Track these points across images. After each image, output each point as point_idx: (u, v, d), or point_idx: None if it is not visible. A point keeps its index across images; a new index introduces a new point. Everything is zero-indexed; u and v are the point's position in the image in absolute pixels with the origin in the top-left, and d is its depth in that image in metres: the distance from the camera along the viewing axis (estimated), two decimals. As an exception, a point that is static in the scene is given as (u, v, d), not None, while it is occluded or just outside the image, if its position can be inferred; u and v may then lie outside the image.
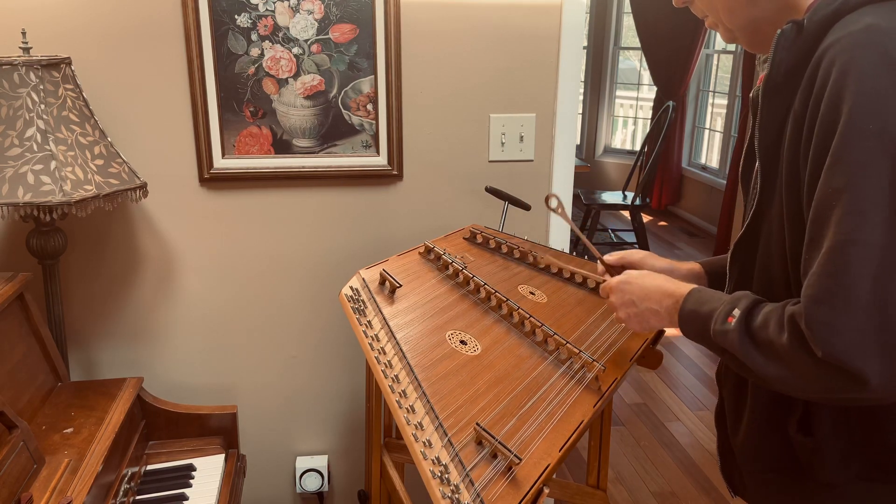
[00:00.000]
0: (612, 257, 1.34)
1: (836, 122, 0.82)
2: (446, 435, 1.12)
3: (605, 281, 1.26)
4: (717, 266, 1.29)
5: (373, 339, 1.32)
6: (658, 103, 6.29)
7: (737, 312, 0.92)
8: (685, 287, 1.06)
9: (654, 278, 1.12)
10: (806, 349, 0.83)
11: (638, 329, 1.17)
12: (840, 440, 0.96)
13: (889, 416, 0.93)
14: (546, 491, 1.06)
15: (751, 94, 1.02)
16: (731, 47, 5.75)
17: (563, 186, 2.08)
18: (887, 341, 0.79)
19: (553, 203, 1.46)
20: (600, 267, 1.36)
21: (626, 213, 6.32)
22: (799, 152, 0.89)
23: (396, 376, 1.24)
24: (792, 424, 0.99)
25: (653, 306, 1.10)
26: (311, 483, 2.15)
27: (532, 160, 2.05)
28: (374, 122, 1.93)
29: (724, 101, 5.89)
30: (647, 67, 6.41)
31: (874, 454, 0.95)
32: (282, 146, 1.91)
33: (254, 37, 1.83)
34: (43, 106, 1.53)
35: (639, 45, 6.40)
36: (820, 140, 0.85)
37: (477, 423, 1.13)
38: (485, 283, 1.51)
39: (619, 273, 1.34)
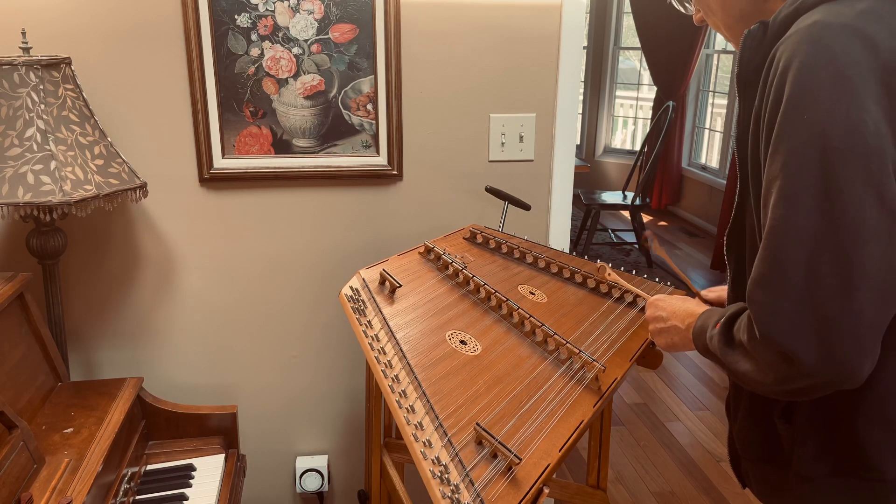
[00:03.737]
0: (710, 295, 1.33)
1: (778, 114, 0.86)
2: (446, 435, 1.12)
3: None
4: None
5: (373, 339, 1.32)
6: (658, 103, 6.29)
7: (723, 319, 0.97)
8: (704, 307, 1.11)
9: (687, 301, 1.18)
10: (756, 338, 0.87)
11: (663, 346, 1.21)
12: (815, 432, 0.98)
13: (859, 412, 0.94)
14: (546, 491, 1.06)
15: None
16: (731, 47, 5.75)
17: (563, 186, 2.08)
18: (820, 324, 0.82)
19: (652, 244, 1.49)
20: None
21: (626, 213, 6.32)
22: (759, 146, 0.93)
23: (396, 376, 1.24)
24: (777, 410, 1.02)
25: (677, 324, 1.14)
26: (311, 483, 2.15)
27: (532, 160, 2.05)
28: (374, 122, 1.93)
29: (724, 101, 5.89)
30: (647, 67, 6.41)
31: (846, 449, 0.97)
32: (282, 146, 1.91)
33: (254, 37, 1.83)
34: (43, 106, 1.53)
35: (639, 45, 6.40)
36: (768, 132, 0.88)
37: (477, 423, 1.13)
38: (485, 283, 1.51)
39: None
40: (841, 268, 0.81)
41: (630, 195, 5.04)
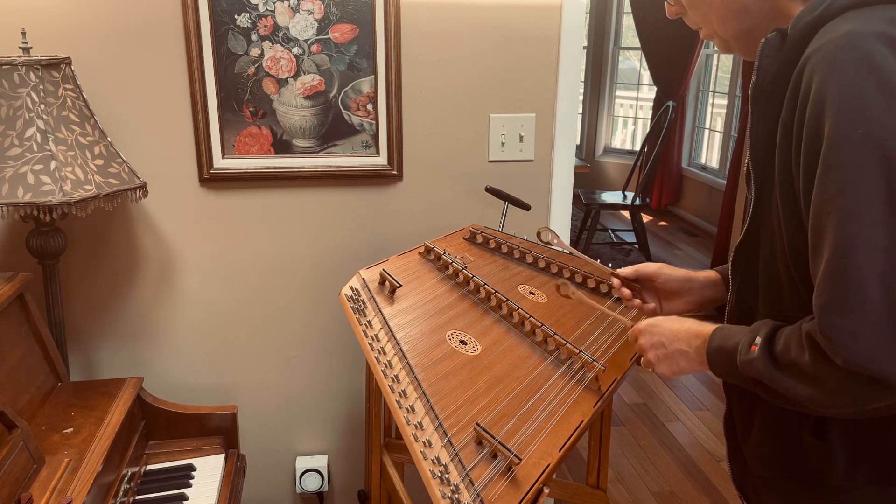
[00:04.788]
0: (626, 270, 1.34)
1: (821, 128, 0.83)
2: (446, 435, 1.12)
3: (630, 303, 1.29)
4: None
5: (373, 339, 1.32)
6: (658, 103, 6.29)
7: (759, 340, 0.93)
8: (711, 326, 1.06)
9: (683, 321, 1.12)
10: (828, 362, 0.83)
11: (668, 373, 1.15)
12: (849, 444, 0.96)
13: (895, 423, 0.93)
14: (546, 491, 1.06)
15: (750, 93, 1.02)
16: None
17: (563, 186, 2.08)
18: None
19: (547, 237, 1.45)
20: (615, 281, 1.35)
21: (626, 213, 6.32)
22: (790, 159, 0.90)
23: (396, 376, 1.24)
24: (806, 428, 0.99)
25: (682, 347, 1.09)
26: (311, 483, 2.15)
27: (532, 160, 2.05)
28: (374, 122, 1.93)
29: (724, 101, 5.89)
30: (647, 67, 6.41)
31: (882, 459, 0.95)
32: (282, 146, 1.91)
33: (254, 37, 1.83)
34: (43, 106, 1.53)
35: (639, 45, 6.40)
36: (808, 147, 0.85)
37: (477, 423, 1.13)
38: (485, 283, 1.51)
39: (635, 286, 1.33)
40: None
41: (630, 195, 5.04)
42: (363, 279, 1.49)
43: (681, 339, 1.09)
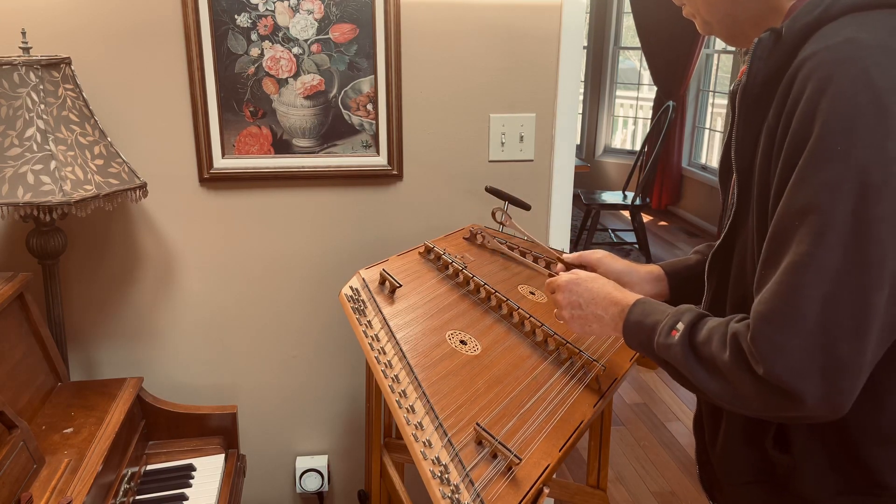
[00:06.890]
0: (570, 256, 1.34)
1: (806, 139, 0.80)
2: (446, 435, 1.12)
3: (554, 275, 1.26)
4: (679, 268, 1.28)
5: (373, 339, 1.32)
6: (658, 103, 6.29)
7: (680, 326, 0.93)
8: (632, 297, 1.05)
9: (604, 284, 1.11)
10: (746, 367, 0.83)
11: (578, 332, 1.16)
12: (816, 456, 0.95)
13: (861, 434, 0.91)
14: (546, 491, 1.06)
15: (730, 89, 1.00)
16: (732, 47, 5.75)
17: (563, 186, 2.08)
18: (827, 364, 0.79)
19: (499, 216, 1.44)
20: (560, 266, 1.35)
21: (626, 213, 6.32)
22: (770, 166, 0.87)
23: (396, 376, 1.24)
24: (768, 440, 0.98)
25: (598, 312, 1.09)
26: (311, 483, 2.15)
27: (532, 160, 2.05)
28: (374, 122, 1.93)
29: (724, 101, 5.89)
30: (647, 67, 6.41)
31: (850, 470, 0.94)
32: (282, 146, 1.91)
33: (254, 37, 1.83)
34: (43, 106, 1.53)
35: (639, 45, 6.40)
36: (788, 156, 0.83)
37: (477, 423, 1.13)
38: (485, 283, 1.51)
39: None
40: (858, 309, 0.78)
41: (630, 195, 5.04)
42: (363, 279, 1.49)
43: (598, 304, 1.09)
